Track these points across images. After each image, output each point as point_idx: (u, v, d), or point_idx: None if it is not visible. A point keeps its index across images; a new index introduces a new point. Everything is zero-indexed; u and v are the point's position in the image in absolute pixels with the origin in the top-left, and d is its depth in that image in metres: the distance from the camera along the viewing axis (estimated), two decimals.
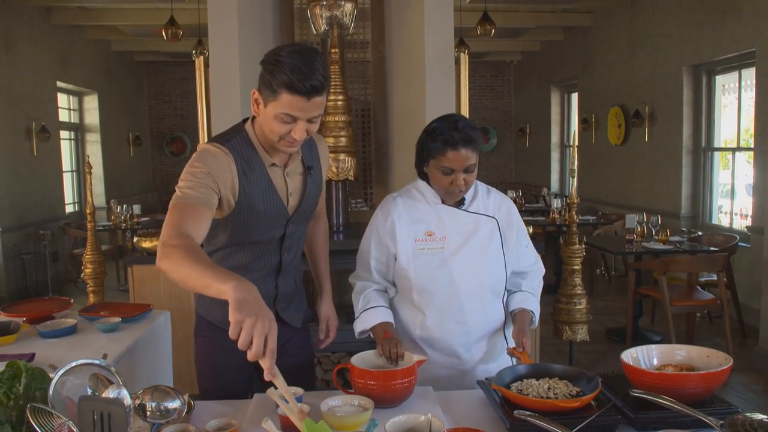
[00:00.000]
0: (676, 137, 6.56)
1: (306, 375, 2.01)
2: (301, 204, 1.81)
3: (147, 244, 3.70)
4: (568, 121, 9.98)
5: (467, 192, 1.89)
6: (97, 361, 1.49)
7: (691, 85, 6.42)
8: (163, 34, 6.36)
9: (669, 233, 5.06)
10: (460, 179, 1.80)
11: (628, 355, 1.58)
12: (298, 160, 1.80)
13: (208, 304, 1.87)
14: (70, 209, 8.45)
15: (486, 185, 2.00)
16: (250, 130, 1.73)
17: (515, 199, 7.64)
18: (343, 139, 3.46)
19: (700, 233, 5.54)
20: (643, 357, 1.60)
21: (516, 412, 1.38)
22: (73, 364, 1.44)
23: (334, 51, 3.49)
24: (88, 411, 1.27)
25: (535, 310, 1.95)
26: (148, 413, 1.37)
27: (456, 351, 1.90)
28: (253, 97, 1.64)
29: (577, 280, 3.55)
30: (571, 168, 3.48)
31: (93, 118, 9.22)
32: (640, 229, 5.13)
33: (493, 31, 6.43)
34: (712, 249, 4.97)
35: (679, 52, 6.46)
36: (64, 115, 8.50)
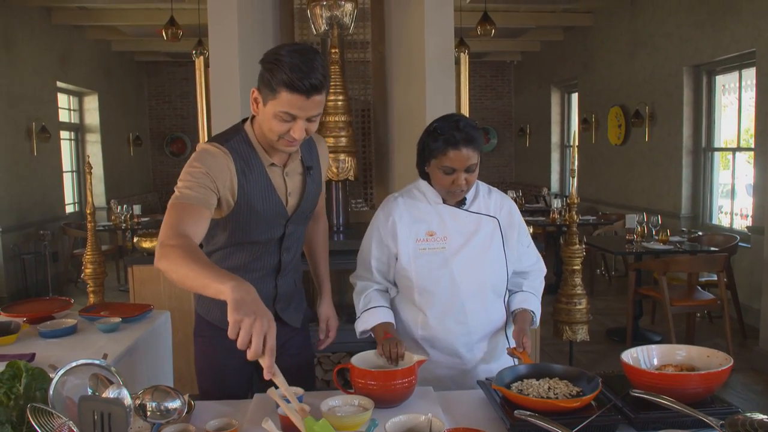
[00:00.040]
0: (677, 137, 6.56)
1: (306, 375, 2.01)
2: (300, 204, 1.81)
3: (147, 245, 3.70)
4: (569, 121, 9.98)
5: (468, 192, 1.89)
6: (97, 361, 1.49)
7: (692, 85, 6.42)
8: (163, 34, 6.36)
9: (669, 233, 5.06)
10: (462, 179, 1.80)
11: (629, 355, 1.58)
12: (297, 160, 1.80)
13: (208, 304, 1.87)
14: (70, 209, 8.45)
15: (487, 185, 2.00)
16: (250, 130, 1.73)
17: (515, 200, 7.59)
18: (343, 139, 3.46)
19: (701, 233, 5.54)
20: (644, 357, 1.60)
21: (516, 412, 1.38)
22: (73, 364, 1.44)
23: (334, 51, 3.48)
24: (89, 411, 1.27)
25: (536, 311, 1.96)
26: (149, 413, 1.37)
27: (458, 351, 1.91)
28: (252, 96, 1.64)
29: (578, 280, 3.55)
30: (572, 168, 3.48)
31: (93, 118, 9.22)
32: (640, 229, 5.13)
33: (493, 31, 6.43)
34: (712, 249, 4.97)
35: (680, 52, 6.46)
36: (64, 116, 8.50)
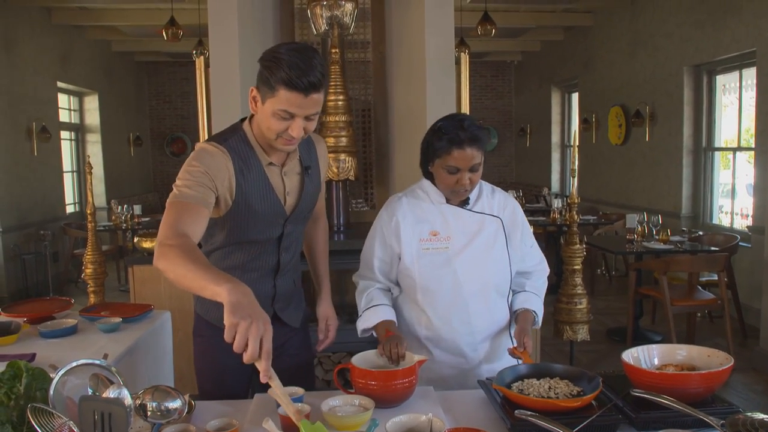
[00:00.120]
0: (677, 137, 6.55)
1: (306, 375, 2.01)
2: (299, 204, 1.81)
3: (147, 245, 3.71)
4: (569, 121, 9.98)
5: (472, 191, 1.89)
6: (97, 361, 1.49)
7: (692, 84, 6.42)
8: (164, 34, 6.37)
9: (669, 233, 5.06)
10: (466, 178, 1.80)
11: (629, 355, 1.58)
12: (295, 159, 1.80)
13: (206, 304, 1.86)
14: (70, 209, 8.46)
15: (490, 185, 2.01)
16: (248, 129, 1.73)
17: (516, 199, 7.63)
18: (343, 139, 3.45)
19: (701, 233, 5.54)
20: (644, 357, 1.60)
21: (517, 411, 1.38)
22: (73, 364, 1.44)
23: (334, 51, 3.48)
24: (89, 411, 1.27)
25: (538, 311, 1.96)
26: (149, 413, 1.37)
27: (461, 350, 1.90)
28: (251, 94, 1.64)
29: (578, 280, 3.54)
30: (572, 168, 3.48)
31: (93, 118, 9.22)
32: (640, 228, 5.12)
33: (493, 31, 6.43)
34: (712, 249, 4.97)
35: (680, 52, 6.45)
36: (64, 116, 8.50)
